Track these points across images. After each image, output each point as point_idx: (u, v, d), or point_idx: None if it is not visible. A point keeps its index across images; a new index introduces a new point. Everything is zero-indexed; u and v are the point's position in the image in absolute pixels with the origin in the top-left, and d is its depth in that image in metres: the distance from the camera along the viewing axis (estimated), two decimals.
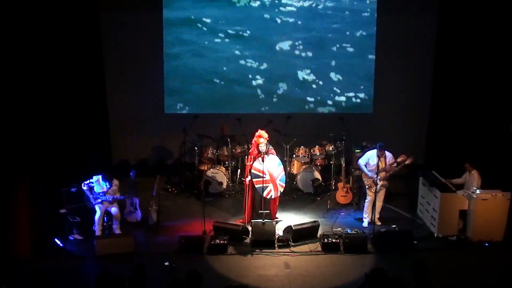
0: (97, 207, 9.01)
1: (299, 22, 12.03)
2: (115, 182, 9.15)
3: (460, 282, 5.68)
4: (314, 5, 11.98)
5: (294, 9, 11.99)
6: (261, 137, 9.25)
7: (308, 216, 9.96)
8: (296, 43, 12.11)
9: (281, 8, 11.99)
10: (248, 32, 12.02)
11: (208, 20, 11.96)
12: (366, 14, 12.02)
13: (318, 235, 9.00)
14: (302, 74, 12.22)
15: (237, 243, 8.84)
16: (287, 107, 12.26)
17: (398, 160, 9.27)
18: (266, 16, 12.00)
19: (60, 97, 10.80)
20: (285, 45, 12.10)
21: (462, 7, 11.20)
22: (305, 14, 12.01)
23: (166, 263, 7.92)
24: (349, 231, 8.98)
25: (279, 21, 12.01)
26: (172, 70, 12.07)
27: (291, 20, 12.01)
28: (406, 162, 9.24)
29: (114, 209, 9.09)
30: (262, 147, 9.20)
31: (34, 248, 8.33)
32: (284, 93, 12.26)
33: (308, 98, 12.29)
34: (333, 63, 12.17)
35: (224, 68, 12.14)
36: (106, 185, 8.99)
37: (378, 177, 9.14)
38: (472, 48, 11.18)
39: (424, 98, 12.27)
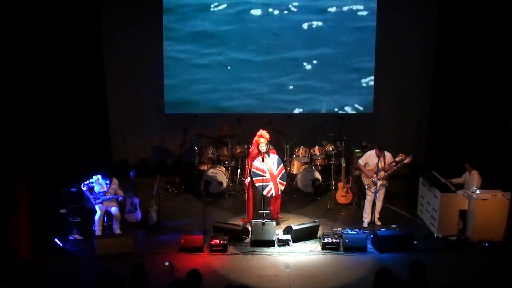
0: (97, 207, 9.01)
1: (299, 22, 12.03)
2: (115, 181, 9.16)
3: (460, 282, 5.67)
4: (313, 3, 11.98)
5: (294, 9, 11.99)
6: (262, 137, 9.26)
7: (308, 216, 9.96)
8: (296, 43, 12.11)
9: (281, 8, 11.99)
10: (248, 31, 12.02)
11: (208, 20, 11.97)
12: (366, 13, 12.02)
13: (318, 235, 9.01)
14: (301, 74, 12.22)
15: (237, 243, 8.85)
16: (287, 107, 12.27)
17: (397, 159, 9.27)
18: (266, 15, 12.00)
19: (60, 97, 10.80)
20: (285, 44, 12.11)
21: (462, 7, 11.21)
22: (305, 13, 12.01)
23: (166, 263, 7.92)
24: (349, 231, 8.98)
25: (279, 20, 12.01)
26: (172, 70, 12.08)
27: (291, 19, 12.02)
28: (405, 161, 9.24)
29: (114, 209, 9.09)
30: (262, 147, 9.21)
31: (34, 248, 8.33)
32: (284, 93, 12.27)
33: (308, 98, 12.29)
34: (333, 62, 12.16)
35: (224, 68, 12.14)
36: (106, 183, 9.00)
37: (378, 177, 9.13)
38: (472, 48, 11.18)
39: (424, 98, 12.27)
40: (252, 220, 9.10)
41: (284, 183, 9.47)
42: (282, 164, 9.43)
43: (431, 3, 11.86)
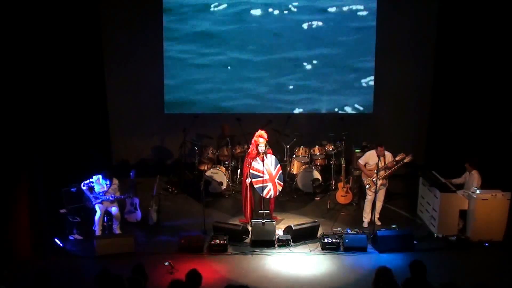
0: (97, 207, 9.01)
1: (299, 22, 12.04)
2: (115, 181, 9.16)
3: (460, 282, 5.67)
4: (314, 4, 11.99)
5: (294, 9, 12.00)
6: (261, 137, 9.25)
7: (308, 216, 9.96)
8: (296, 43, 12.11)
9: (281, 8, 12.00)
10: (248, 31, 12.03)
11: (208, 20, 11.97)
12: (366, 13, 12.02)
13: (318, 235, 9.01)
14: (302, 74, 12.23)
15: (237, 243, 8.84)
16: (287, 107, 12.27)
17: (397, 158, 9.28)
18: (266, 15, 12.01)
19: (60, 97, 10.79)
20: (285, 44, 12.11)
21: (462, 7, 11.21)
22: (305, 13, 12.02)
23: (166, 263, 7.92)
24: (349, 231, 8.98)
25: (279, 20, 12.02)
26: (172, 70, 12.08)
27: (291, 19, 12.02)
28: (405, 160, 9.24)
29: (114, 209, 9.10)
30: (261, 147, 9.20)
31: (34, 248, 8.33)
32: (284, 93, 12.27)
33: (308, 98, 12.29)
34: (333, 62, 12.17)
35: (224, 68, 12.15)
36: (106, 184, 9.00)
37: (378, 176, 9.13)
38: (472, 48, 11.17)
39: (424, 98, 12.28)
40: (251, 220, 9.10)
41: (282, 183, 9.46)
42: (279, 165, 9.42)
43: (431, 3, 11.87)
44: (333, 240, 8.69)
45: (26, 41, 9.47)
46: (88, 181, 8.95)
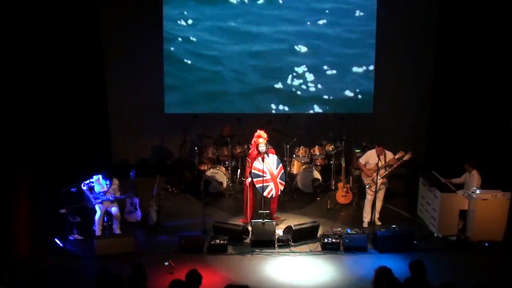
0: (97, 207, 9.01)
1: (300, 22, 12.04)
2: (115, 181, 9.16)
3: (460, 282, 5.67)
4: (313, 3, 11.98)
5: (294, 7, 11.99)
6: (261, 137, 9.24)
7: (308, 216, 9.96)
8: (296, 43, 12.12)
9: (280, 6, 11.99)
10: (248, 31, 12.03)
11: (207, 19, 11.97)
12: (366, 13, 12.03)
13: (318, 235, 9.00)
14: (301, 74, 12.23)
15: (237, 243, 8.84)
16: (287, 107, 12.27)
17: (397, 156, 9.28)
18: (266, 14, 12.01)
19: (60, 97, 10.81)
20: (285, 44, 12.11)
21: (462, 7, 11.21)
22: (305, 13, 12.02)
23: (166, 263, 7.92)
24: (349, 231, 8.98)
25: (278, 19, 12.02)
26: (172, 69, 12.08)
27: (291, 19, 12.03)
28: (405, 158, 9.24)
29: (114, 209, 9.09)
30: (262, 147, 9.20)
31: (34, 248, 8.32)
32: (284, 93, 12.27)
33: (308, 98, 12.30)
34: (333, 62, 12.17)
35: (224, 68, 12.14)
36: (106, 184, 9.00)
37: (378, 176, 9.13)
38: (472, 48, 11.18)
39: (424, 98, 12.28)
40: (252, 220, 9.09)
41: (284, 183, 9.46)
42: (281, 164, 9.42)
43: (431, 3, 11.87)
44: (333, 240, 8.68)
45: (26, 41, 9.49)
46: (88, 181, 8.95)
